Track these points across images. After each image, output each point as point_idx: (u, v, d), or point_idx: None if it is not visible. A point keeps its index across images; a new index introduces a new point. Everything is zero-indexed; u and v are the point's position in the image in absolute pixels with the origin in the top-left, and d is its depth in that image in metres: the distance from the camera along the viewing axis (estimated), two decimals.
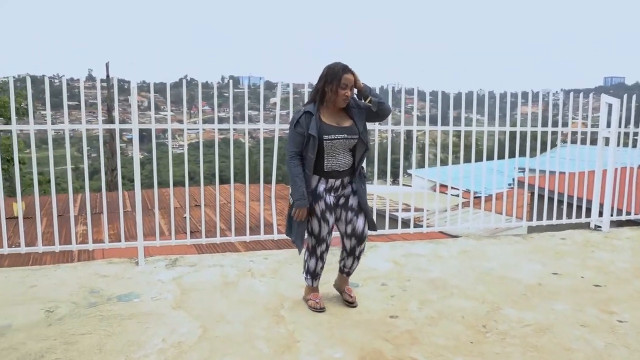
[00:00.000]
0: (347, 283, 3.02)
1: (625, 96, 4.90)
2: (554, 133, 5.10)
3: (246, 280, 3.42)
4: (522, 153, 4.90)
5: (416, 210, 4.85)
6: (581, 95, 5.62)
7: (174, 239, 4.08)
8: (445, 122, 4.56)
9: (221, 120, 3.95)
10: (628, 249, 4.37)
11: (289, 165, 2.72)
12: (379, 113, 2.82)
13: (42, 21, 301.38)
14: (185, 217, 4.70)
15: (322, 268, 2.89)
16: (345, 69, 2.68)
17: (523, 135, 4.78)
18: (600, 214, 5.07)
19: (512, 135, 4.78)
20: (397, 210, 4.91)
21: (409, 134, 4.72)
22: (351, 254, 2.89)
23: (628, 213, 5.23)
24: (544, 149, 5.74)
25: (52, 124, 3.70)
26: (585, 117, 6.12)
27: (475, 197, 7.03)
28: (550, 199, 5.23)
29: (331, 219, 2.78)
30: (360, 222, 2.82)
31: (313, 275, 2.89)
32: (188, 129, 3.94)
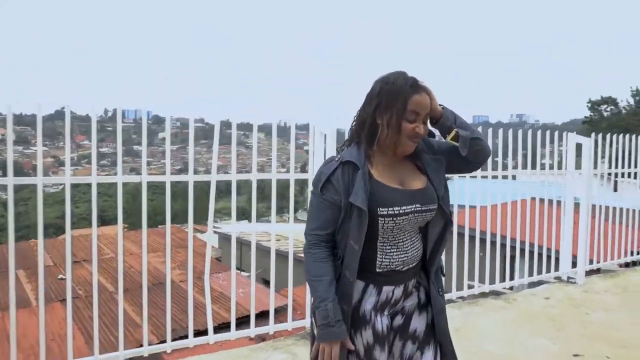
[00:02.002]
0: None
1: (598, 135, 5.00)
2: None
3: None
4: None
5: None
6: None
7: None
8: None
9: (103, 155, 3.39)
10: (617, 305, 4.15)
11: (307, 259, 1.55)
12: (471, 158, 1.63)
13: None
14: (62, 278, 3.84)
15: None
16: (416, 85, 1.53)
17: None
18: (574, 264, 4.76)
19: None
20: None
21: (302, 168, 4.36)
22: None
23: (591, 261, 5.05)
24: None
25: None
26: None
27: None
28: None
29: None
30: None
31: None
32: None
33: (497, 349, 3.18)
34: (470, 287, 4.22)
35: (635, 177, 5.46)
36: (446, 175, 1.64)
